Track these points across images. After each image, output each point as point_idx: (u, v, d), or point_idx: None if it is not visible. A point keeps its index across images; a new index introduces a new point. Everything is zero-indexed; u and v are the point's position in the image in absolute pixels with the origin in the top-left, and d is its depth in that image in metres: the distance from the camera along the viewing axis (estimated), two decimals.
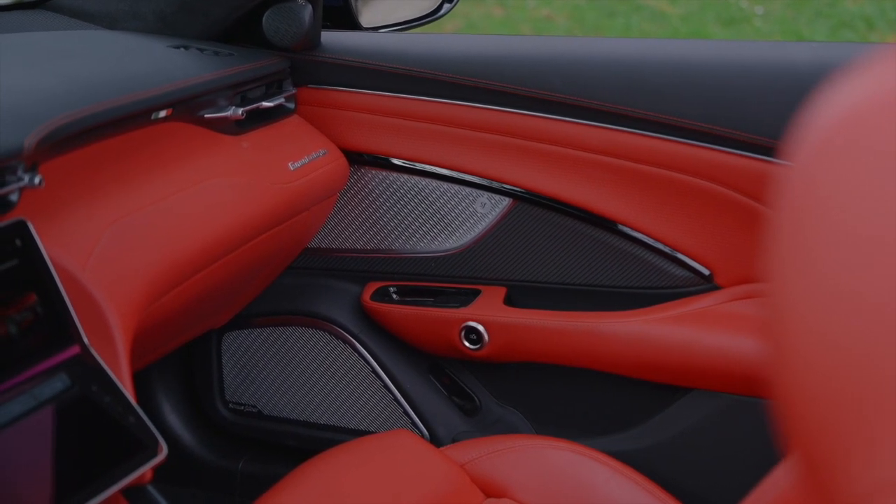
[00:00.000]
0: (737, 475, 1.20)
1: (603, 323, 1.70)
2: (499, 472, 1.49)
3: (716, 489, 1.65)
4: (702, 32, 6.51)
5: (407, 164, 1.80)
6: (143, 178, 1.46)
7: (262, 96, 1.72)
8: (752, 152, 1.57)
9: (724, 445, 1.64)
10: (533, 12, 7.13)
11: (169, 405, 2.05)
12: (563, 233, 1.75)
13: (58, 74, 1.43)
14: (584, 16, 6.97)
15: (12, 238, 1.19)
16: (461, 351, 1.79)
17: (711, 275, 1.68)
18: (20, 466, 1.11)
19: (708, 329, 1.63)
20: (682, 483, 1.64)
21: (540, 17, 7.06)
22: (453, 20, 6.97)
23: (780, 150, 1.53)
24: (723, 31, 6.52)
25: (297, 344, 1.95)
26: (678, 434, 1.70)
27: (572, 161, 1.69)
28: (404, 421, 1.89)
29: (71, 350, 1.21)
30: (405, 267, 1.86)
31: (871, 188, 0.44)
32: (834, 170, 0.46)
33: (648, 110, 1.62)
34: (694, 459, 1.69)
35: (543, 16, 7.07)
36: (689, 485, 1.66)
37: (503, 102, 1.70)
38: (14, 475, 1.10)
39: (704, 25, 6.62)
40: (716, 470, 1.65)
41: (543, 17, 7.06)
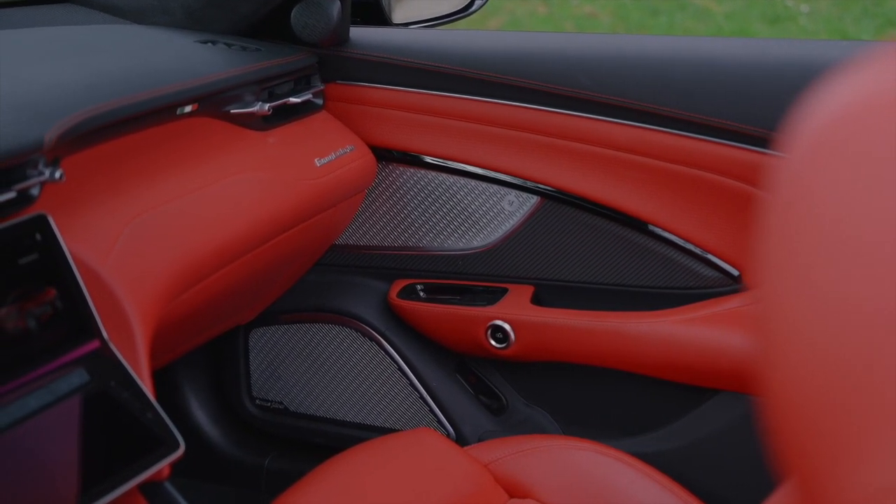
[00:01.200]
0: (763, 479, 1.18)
1: (630, 323, 1.68)
2: (523, 472, 1.47)
3: (741, 493, 1.63)
4: (746, 30, 6.46)
5: (435, 161, 1.79)
6: (167, 173, 1.45)
7: (290, 92, 1.72)
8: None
9: (751, 449, 1.62)
10: (576, 9, 7.10)
11: (196, 401, 2.05)
12: (591, 232, 1.73)
13: (82, 69, 1.43)
14: (628, 13, 6.93)
15: (33, 232, 1.19)
16: (487, 350, 1.78)
17: (741, 275, 1.66)
18: (36, 461, 1.11)
19: (736, 330, 1.61)
20: (708, 486, 1.62)
21: (583, 14, 7.03)
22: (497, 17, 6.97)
23: None
24: (767, 29, 6.46)
25: (324, 341, 1.94)
26: (705, 436, 1.68)
27: (600, 159, 1.68)
28: (430, 419, 1.88)
29: (90, 345, 1.21)
30: (432, 265, 1.85)
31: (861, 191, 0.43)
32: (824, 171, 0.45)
33: (677, 108, 1.60)
34: (720, 462, 1.67)
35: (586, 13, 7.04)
36: (714, 488, 1.64)
37: (531, 99, 1.69)
38: (30, 469, 1.10)
39: (749, 23, 6.57)
40: (742, 473, 1.63)
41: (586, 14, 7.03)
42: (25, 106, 1.24)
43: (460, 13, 2.03)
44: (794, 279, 0.45)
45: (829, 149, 0.45)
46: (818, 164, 0.45)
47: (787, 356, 0.46)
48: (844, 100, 0.46)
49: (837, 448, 0.44)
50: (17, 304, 1.15)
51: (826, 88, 0.47)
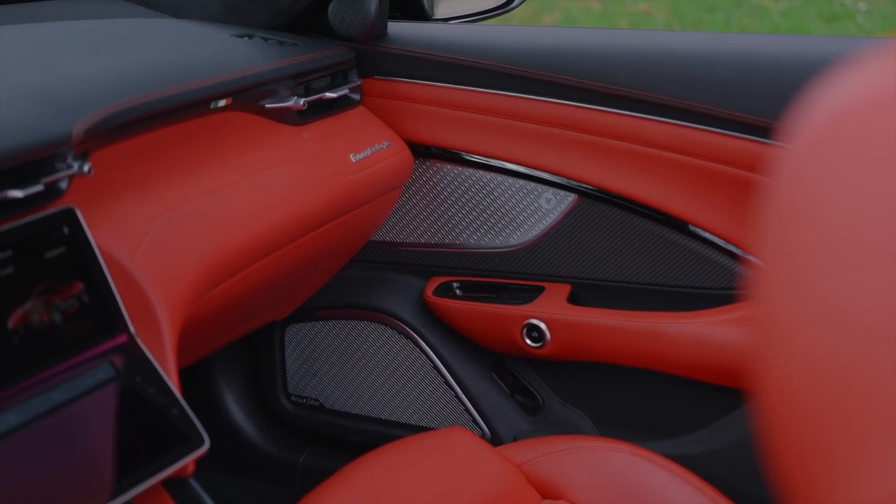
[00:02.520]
0: None
1: (666, 323, 1.66)
2: (556, 473, 1.46)
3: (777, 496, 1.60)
4: (802, 28, 6.39)
5: (472, 157, 1.77)
6: (199, 167, 1.45)
7: (327, 87, 1.71)
8: None
9: None
10: (631, 7, 7.06)
11: (232, 396, 2.05)
12: (630, 230, 1.71)
13: (115, 62, 1.43)
14: (684, 11, 6.88)
15: (60, 226, 1.19)
16: (523, 349, 1.76)
17: None
18: (60, 455, 1.11)
19: None
20: (743, 489, 1.59)
21: (638, 11, 6.99)
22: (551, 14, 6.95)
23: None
24: (824, 27, 6.39)
25: (360, 338, 1.93)
26: (740, 439, 1.65)
27: (639, 157, 1.66)
28: (465, 418, 1.87)
29: (116, 340, 1.21)
30: (469, 262, 1.83)
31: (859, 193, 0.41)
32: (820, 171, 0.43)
33: (717, 106, 1.57)
34: (756, 465, 1.64)
35: (641, 10, 7.00)
36: (749, 491, 1.61)
37: (569, 96, 1.67)
38: (54, 463, 1.10)
39: (805, 21, 6.50)
40: None
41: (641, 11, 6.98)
42: (56, 99, 1.24)
43: (501, 9, 2.01)
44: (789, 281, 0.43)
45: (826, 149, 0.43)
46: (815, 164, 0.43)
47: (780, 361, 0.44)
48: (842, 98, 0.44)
49: (832, 458, 0.42)
50: (43, 298, 1.14)
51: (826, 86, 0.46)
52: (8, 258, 1.12)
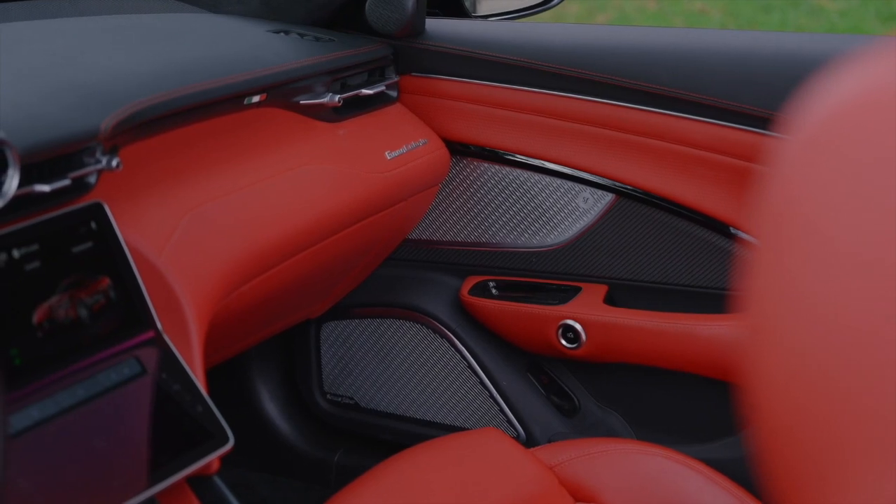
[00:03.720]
0: None
1: (703, 326, 1.64)
2: (589, 476, 1.44)
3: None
4: (859, 29, 6.31)
5: (510, 155, 1.76)
6: (231, 163, 1.44)
7: (364, 83, 1.70)
8: None
9: None
10: (687, 5, 7.00)
11: (267, 393, 2.04)
12: (667, 231, 1.69)
13: (148, 57, 1.42)
14: (740, 10, 6.82)
15: (88, 220, 1.18)
16: (558, 349, 1.75)
17: None
18: (83, 450, 1.10)
19: None
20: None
21: (694, 10, 6.93)
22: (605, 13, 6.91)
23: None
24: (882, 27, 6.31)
25: (395, 336, 1.92)
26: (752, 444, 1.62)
27: (679, 157, 1.64)
28: (500, 419, 1.85)
29: (142, 336, 1.20)
30: (505, 261, 1.82)
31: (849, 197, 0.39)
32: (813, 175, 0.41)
33: (758, 106, 1.55)
34: None
35: (697, 9, 6.94)
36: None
37: (608, 95, 1.65)
38: (77, 459, 1.09)
39: (864, 21, 6.42)
40: None
41: (697, 10, 6.92)
42: (85, 93, 1.24)
43: (542, 6, 1.99)
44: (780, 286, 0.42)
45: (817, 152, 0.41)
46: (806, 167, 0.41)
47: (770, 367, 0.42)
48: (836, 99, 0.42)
49: (823, 466, 0.40)
50: (69, 293, 1.14)
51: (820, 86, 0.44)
52: (34, 252, 1.12)
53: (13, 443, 1.03)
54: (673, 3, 7.04)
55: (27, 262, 1.11)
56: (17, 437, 1.04)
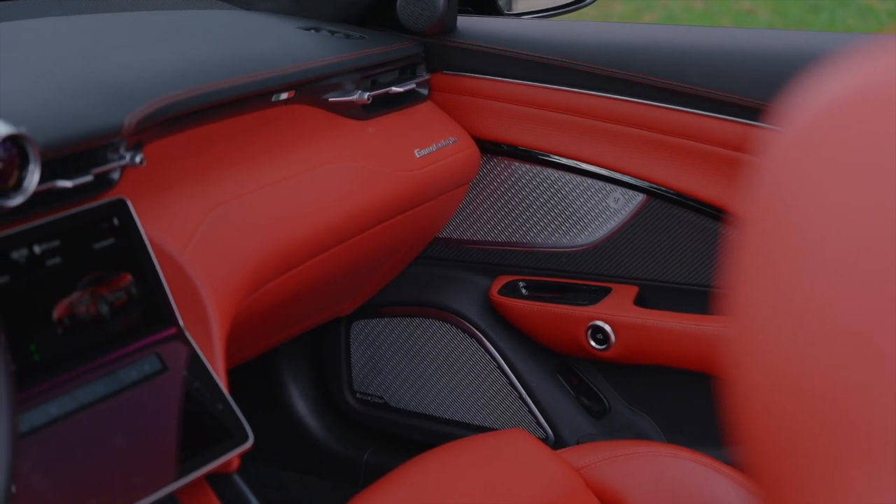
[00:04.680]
0: None
1: None
2: (616, 478, 1.42)
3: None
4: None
5: (540, 155, 1.75)
6: (258, 160, 1.44)
7: (394, 81, 1.69)
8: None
9: None
10: (734, 5, 6.95)
11: (297, 392, 2.04)
12: (699, 232, 1.67)
13: (176, 53, 1.42)
14: (788, 10, 6.76)
15: (110, 217, 1.18)
16: (587, 350, 1.73)
17: None
18: (102, 447, 1.10)
19: None
20: None
21: (741, 10, 6.88)
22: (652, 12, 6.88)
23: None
24: None
25: (425, 335, 1.91)
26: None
27: (711, 157, 1.62)
28: (529, 420, 1.84)
29: (164, 333, 1.20)
30: (535, 261, 1.81)
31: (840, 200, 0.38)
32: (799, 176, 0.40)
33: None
34: None
35: (745, 9, 6.89)
36: None
37: (639, 94, 1.64)
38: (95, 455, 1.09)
39: None
40: None
41: (745, 10, 6.87)
42: (110, 89, 1.23)
43: (576, 4, 1.98)
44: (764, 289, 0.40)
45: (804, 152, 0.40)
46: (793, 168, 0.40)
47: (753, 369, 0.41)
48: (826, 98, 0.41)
49: (806, 471, 0.39)
50: (90, 289, 1.14)
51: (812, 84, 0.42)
52: (55, 248, 1.12)
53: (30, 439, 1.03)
54: (720, 2, 7.00)
55: (48, 257, 1.11)
56: (34, 433, 1.04)
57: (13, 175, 1.05)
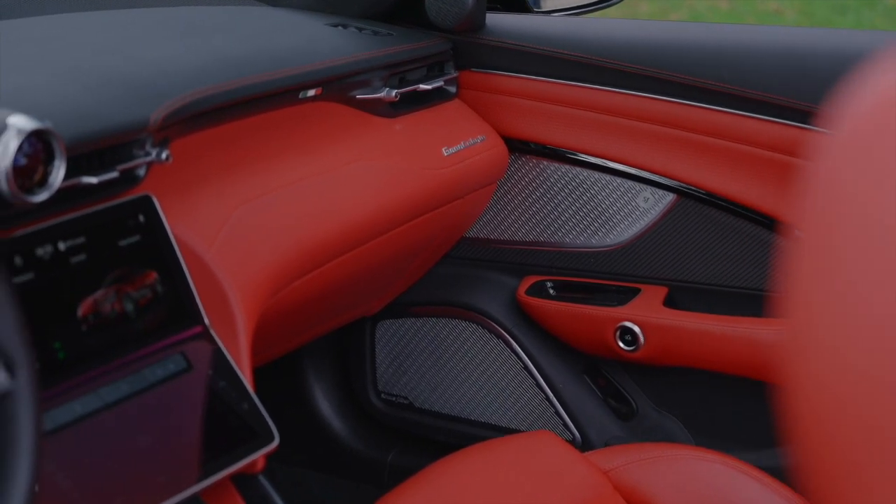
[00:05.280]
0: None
1: (766, 330, 1.60)
2: (644, 481, 1.41)
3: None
4: None
5: (569, 153, 1.73)
6: (284, 157, 1.43)
7: (422, 78, 1.68)
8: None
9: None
10: (760, 5, 6.93)
11: (321, 391, 2.03)
12: (730, 233, 1.66)
13: (202, 49, 1.41)
14: (814, 10, 6.73)
15: (136, 213, 1.17)
16: (615, 352, 1.71)
17: None
18: (126, 446, 1.09)
19: None
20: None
21: (767, 10, 6.86)
22: (677, 12, 6.86)
23: None
24: None
25: (451, 336, 1.90)
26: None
27: (741, 157, 1.60)
28: (555, 422, 1.83)
29: (190, 331, 1.19)
30: (563, 261, 1.79)
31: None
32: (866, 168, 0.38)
33: (823, 104, 1.51)
34: None
35: (772, 10, 6.86)
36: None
37: (670, 92, 1.62)
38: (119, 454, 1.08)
39: None
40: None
41: (771, 11, 6.85)
42: (136, 85, 1.22)
43: (605, 3, 1.96)
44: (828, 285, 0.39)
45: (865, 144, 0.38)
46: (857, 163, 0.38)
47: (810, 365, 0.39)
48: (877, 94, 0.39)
49: (865, 468, 0.38)
50: (115, 287, 1.13)
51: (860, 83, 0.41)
52: (81, 245, 1.11)
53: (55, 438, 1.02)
54: (746, 2, 6.97)
55: (73, 254, 1.10)
56: (58, 432, 1.03)
57: (38, 171, 1.04)
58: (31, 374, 0.85)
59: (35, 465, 0.83)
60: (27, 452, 0.83)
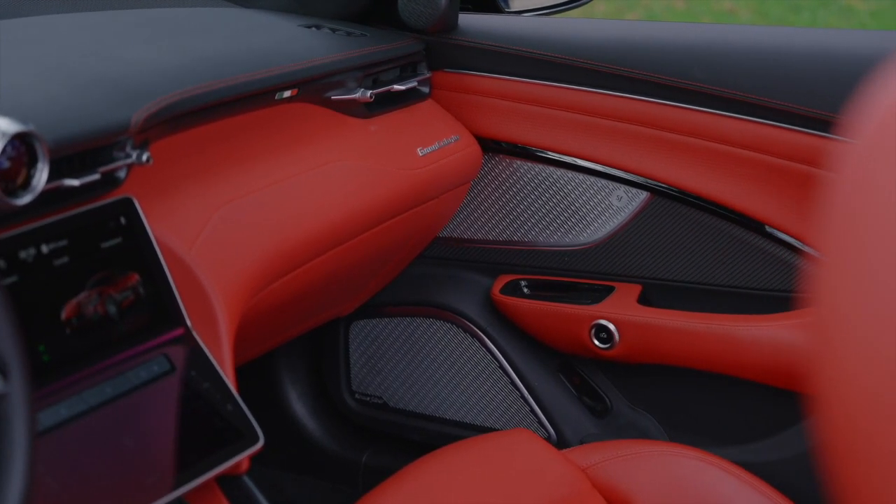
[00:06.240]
0: None
1: (741, 327, 1.61)
2: (622, 478, 1.42)
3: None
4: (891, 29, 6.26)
5: (542, 153, 1.74)
6: (262, 159, 1.43)
7: (395, 79, 1.68)
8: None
9: None
10: (715, 5, 6.97)
11: (295, 393, 2.03)
12: (703, 230, 1.67)
13: (179, 51, 1.41)
14: (769, 10, 6.78)
15: (117, 216, 1.17)
16: (591, 350, 1.72)
17: None
18: (111, 449, 1.09)
19: None
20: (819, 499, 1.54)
21: (722, 10, 6.90)
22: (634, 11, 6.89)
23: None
24: None
25: (425, 335, 1.90)
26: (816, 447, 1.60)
27: (714, 155, 1.61)
28: (531, 420, 1.83)
29: (172, 333, 1.19)
30: (537, 260, 1.80)
31: None
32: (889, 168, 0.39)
33: (793, 102, 1.53)
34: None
35: (726, 9, 6.90)
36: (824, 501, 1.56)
37: (642, 91, 1.63)
38: (105, 457, 1.08)
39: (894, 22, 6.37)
40: None
41: (726, 10, 6.89)
42: (116, 87, 1.22)
43: (574, 2, 1.97)
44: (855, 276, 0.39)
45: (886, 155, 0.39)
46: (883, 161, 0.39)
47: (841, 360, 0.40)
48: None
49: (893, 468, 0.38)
50: (98, 289, 1.13)
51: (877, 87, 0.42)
52: (63, 248, 1.11)
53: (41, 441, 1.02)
54: (701, 2, 7.01)
55: (56, 257, 1.10)
56: (44, 434, 1.03)
57: (21, 173, 1.04)
58: (26, 377, 0.85)
59: (31, 467, 0.83)
60: (22, 454, 0.83)
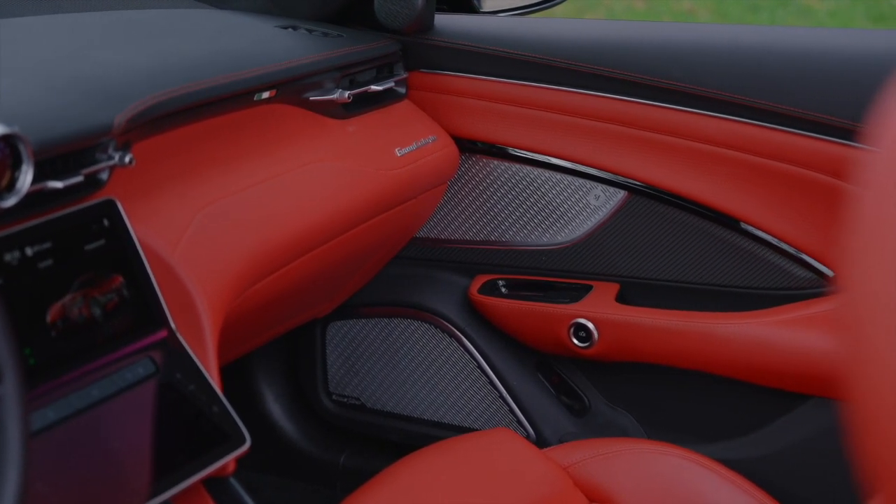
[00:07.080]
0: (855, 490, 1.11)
1: (719, 324, 1.62)
2: (604, 476, 1.43)
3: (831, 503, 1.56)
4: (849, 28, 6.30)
5: (519, 152, 1.74)
6: (242, 159, 1.43)
7: (372, 80, 1.68)
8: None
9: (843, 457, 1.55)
10: (675, 5, 7.00)
11: (272, 394, 2.02)
12: (680, 228, 1.68)
13: (157, 52, 1.41)
14: (727, 10, 6.82)
15: (100, 218, 1.17)
16: (570, 349, 1.73)
17: (836, 276, 1.59)
18: (98, 452, 1.09)
19: (830, 334, 1.54)
20: (797, 495, 1.56)
21: (682, 10, 6.93)
22: (594, 11, 6.91)
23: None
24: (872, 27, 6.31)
25: (403, 336, 1.90)
26: (796, 443, 1.61)
27: (692, 154, 1.62)
28: (509, 419, 1.83)
29: (156, 335, 1.19)
30: (515, 260, 1.80)
31: None
32: None
33: (772, 101, 1.54)
34: (810, 470, 1.61)
35: (685, 9, 6.94)
36: (803, 497, 1.58)
37: (620, 91, 1.64)
38: (92, 460, 1.08)
39: (852, 22, 6.42)
40: (833, 483, 1.55)
41: (685, 10, 6.92)
42: (98, 88, 1.22)
43: (548, 2, 1.98)
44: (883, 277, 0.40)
45: None
46: None
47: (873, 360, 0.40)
48: None
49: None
50: (82, 292, 1.12)
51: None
52: (47, 250, 1.10)
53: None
54: (661, 2, 7.04)
55: (40, 259, 1.09)
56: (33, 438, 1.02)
57: (5, 175, 1.03)
58: (19, 379, 0.84)
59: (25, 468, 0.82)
60: (17, 456, 0.82)
